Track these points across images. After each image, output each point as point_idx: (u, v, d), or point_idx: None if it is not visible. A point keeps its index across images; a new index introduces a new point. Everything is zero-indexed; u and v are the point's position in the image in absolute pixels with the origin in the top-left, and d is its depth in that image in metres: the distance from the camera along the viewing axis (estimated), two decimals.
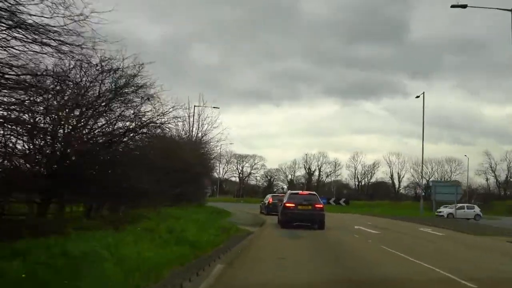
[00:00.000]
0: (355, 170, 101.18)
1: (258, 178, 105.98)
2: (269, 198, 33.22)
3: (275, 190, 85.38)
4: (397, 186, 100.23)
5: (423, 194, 52.51)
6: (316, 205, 19.28)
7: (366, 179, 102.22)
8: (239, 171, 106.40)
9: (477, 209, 44.86)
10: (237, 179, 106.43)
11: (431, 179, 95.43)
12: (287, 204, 19.37)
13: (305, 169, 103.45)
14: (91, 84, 11.95)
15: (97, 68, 11.45)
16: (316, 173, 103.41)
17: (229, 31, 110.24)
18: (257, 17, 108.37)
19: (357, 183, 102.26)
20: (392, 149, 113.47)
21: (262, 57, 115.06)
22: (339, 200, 53.37)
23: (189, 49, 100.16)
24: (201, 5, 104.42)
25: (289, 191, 23.70)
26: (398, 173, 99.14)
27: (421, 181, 46.11)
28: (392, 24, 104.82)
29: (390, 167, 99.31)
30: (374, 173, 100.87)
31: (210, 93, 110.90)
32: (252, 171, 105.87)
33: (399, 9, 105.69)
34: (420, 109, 42.59)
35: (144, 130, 14.34)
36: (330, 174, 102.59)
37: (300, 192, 23.61)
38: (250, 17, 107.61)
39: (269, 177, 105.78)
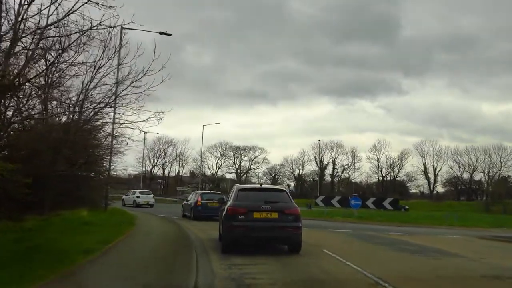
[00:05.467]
0: (378, 163, 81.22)
1: (260, 174, 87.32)
2: (197, 197, 23.04)
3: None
4: (432, 181, 79.67)
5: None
6: (287, 211, 10.52)
7: (392, 173, 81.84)
8: (236, 166, 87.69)
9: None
10: (235, 176, 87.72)
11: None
12: (234, 209, 10.42)
13: (315, 162, 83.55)
14: None
15: None
16: (330, 166, 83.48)
17: (221, 32, 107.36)
18: (250, 18, 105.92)
19: (381, 177, 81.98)
20: (394, 147, 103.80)
21: (256, 58, 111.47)
22: (381, 202, 33.29)
23: (182, 51, 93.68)
24: (192, 6, 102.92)
25: (237, 186, 12.11)
26: (433, 166, 78.92)
27: None
28: (384, 22, 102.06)
29: (423, 157, 79.17)
30: (402, 166, 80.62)
31: (207, 94, 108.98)
32: (251, 166, 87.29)
33: (390, 7, 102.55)
34: (418, 105, 22.78)
35: None
36: (347, 167, 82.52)
37: (256, 186, 13.62)
38: (242, 18, 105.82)
39: (272, 174, 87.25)
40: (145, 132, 18.35)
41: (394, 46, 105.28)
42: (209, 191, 29.43)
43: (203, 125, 59.60)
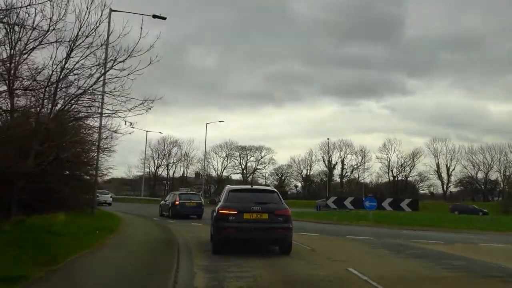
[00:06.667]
0: (388, 162, 78.27)
1: (266, 175, 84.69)
2: (175, 197, 24.36)
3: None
4: (445, 181, 76.59)
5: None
6: (277, 212, 10.48)
7: (404, 173, 78.81)
8: (242, 167, 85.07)
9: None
10: (241, 176, 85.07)
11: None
12: (224, 211, 10.41)
13: (324, 162, 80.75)
14: None
15: None
16: (339, 166, 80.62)
17: (225, 34, 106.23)
18: (253, 20, 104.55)
19: (392, 177, 78.91)
20: (400, 147, 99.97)
21: (260, 60, 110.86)
22: (399, 203, 30.57)
23: (185, 52, 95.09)
24: (196, 8, 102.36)
25: (228, 187, 11.96)
26: (446, 165, 75.87)
27: None
28: (388, 22, 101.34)
29: (436, 157, 76.20)
30: (414, 165, 77.67)
31: (212, 96, 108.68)
32: (258, 167, 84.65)
33: (394, 7, 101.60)
34: (424, 105, 20.87)
35: None
36: (357, 167, 79.65)
37: (247, 187, 12.85)
38: (245, 19, 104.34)
39: (279, 174, 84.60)
40: (131, 123, 15.77)
41: (399, 46, 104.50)
42: (186, 192, 31.24)
43: (207, 123, 57.68)
